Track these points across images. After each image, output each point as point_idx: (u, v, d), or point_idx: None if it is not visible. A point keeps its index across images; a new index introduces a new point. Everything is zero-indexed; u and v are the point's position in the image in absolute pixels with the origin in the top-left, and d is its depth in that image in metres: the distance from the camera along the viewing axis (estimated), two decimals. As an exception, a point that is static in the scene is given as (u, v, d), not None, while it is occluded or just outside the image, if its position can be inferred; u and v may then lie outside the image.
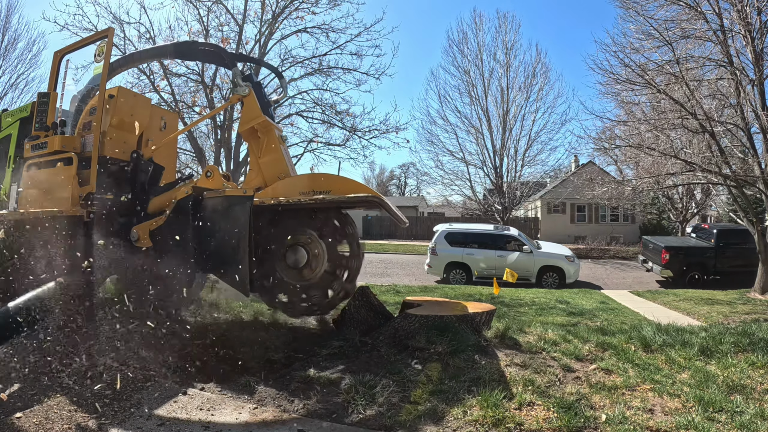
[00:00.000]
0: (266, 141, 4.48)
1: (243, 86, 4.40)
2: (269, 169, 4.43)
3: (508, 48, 22.07)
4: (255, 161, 4.55)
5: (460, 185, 22.70)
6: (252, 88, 4.42)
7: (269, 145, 4.47)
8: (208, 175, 4.21)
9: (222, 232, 3.91)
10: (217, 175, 4.24)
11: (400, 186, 61.45)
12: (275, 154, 4.45)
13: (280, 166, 4.41)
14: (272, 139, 4.47)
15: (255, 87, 4.49)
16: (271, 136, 4.47)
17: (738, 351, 3.86)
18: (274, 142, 4.47)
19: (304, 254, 4.19)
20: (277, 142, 4.49)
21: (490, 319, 4.15)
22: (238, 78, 4.45)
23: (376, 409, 2.82)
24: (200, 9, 12.67)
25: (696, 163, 10.32)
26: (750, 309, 8.95)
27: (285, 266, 4.28)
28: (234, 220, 3.81)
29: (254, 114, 4.40)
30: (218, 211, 3.97)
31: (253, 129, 4.46)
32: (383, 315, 4.42)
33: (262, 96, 4.58)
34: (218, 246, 3.92)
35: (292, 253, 4.21)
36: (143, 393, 2.97)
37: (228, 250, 3.83)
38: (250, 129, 4.46)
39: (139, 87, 12.05)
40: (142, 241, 4.35)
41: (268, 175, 4.42)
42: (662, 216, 25.58)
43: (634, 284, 14.08)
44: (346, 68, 13.65)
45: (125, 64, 5.48)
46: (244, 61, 5.95)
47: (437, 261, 13.56)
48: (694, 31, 9.87)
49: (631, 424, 2.63)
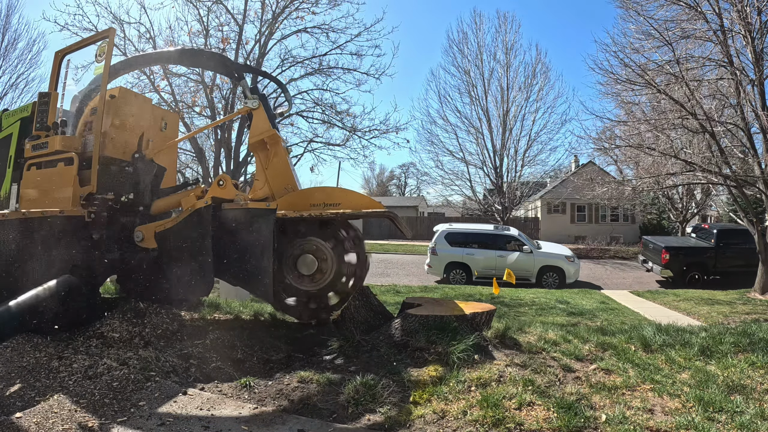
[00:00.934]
0: (274, 153, 4.60)
1: (252, 99, 4.53)
2: (276, 180, 4.57)
3: (508, 48, 22.12)
4: (262, 172, 4.66)
5: (460, 185, 22.75)
6: (260, 101, 4.54)
7: (277, 156, 4.60)
8: (221, 184, 4.29)
9: (245, 243, 4.04)
10: (230, 184, 4.33)
11: (400, 186, 61.50)
12: (283, 165, 4.60)
13: (287, 178, 4.57)
14: (280, 150, 4.61)
15: (262, 99, 4.60)
16: (278, 147, 4.61)
17: (738, 351, 3.86)
18: (282, 153, 4.61)
19: (314, 262, 4.33)
20: (284, 154, 4.64)
21: (490, 319, 4.15)
22: (247, 90, 4.58)
23: (376, 409, 2.82)
24: (200, 9, 12.66)
25: (696, 163, 10.32)
26: (750, 309, 8.95)
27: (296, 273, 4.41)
28: (257, 233, 3.96)
29: (264, 127, 4.53)
30: (241, 222, 4.08)
31: (262, 141, 4.58)
32: (383, 315, 4.42)
33: (269, 108, 4.70)
34: (241, 257, 4.07)
35: (302, 261, 4.36)
36: (143, 393, 2.97)
37: (252, 261, 3.98)
38: (260, 141, 4.57)
39: (140, 87, 12.05)
40: (147, 241, 4.37)
41: (275, 186, 4.55)
42: (662, 216, 25.58)
43: (634, 284, 14.09)
44: (346, 68, 13.66)
45: (128, 67, 5.50)
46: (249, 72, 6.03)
47: (437, 261, 13.56)
48: (694, 31, 9.87)
49: (631, 424, 2.63)
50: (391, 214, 4.12)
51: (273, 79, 6.79)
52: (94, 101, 4.57)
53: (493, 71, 22.08)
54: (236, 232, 4.09)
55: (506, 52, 22.04)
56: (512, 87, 21.78)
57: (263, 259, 3.91)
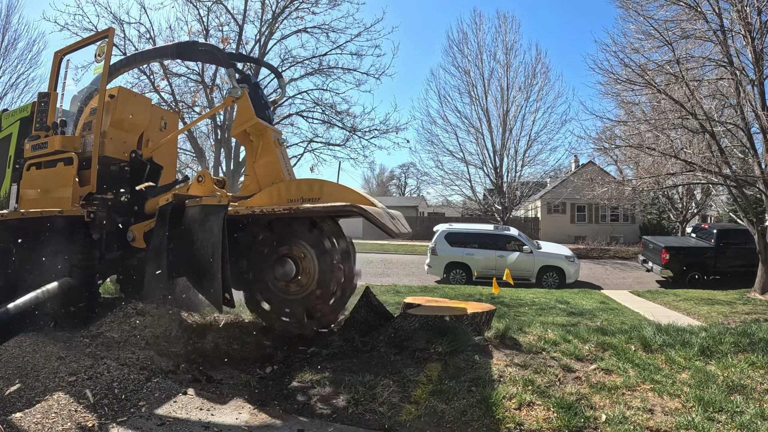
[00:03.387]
0: (261, 145, 4.31)
1: (237, 88, 4.22)
2: (264, 173, 4.27)
3: (508, 48, 22.10)
4: (251, 165, 4.40)
5: (460, 185, 22.73)
6: (248, 90, 4.25)
7: (264, 148, 4.30)
8: (200, 180, 4.14)
9: (198, 242, 3.71)
10: (208, 180, 4.13)
11: (400, 186, 61.41)
12: (270, 157, 4.26)
13: (275, 171, 4.23)
14: (267, 142, 4.29)
15: (252, 88, 4.33)
16: (265, 139, 4.30)
17: (738, 351, 3.86)
18: (269, 145, 4.28)
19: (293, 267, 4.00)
20: (272, 146, 4.29)
21: (490, 319, 4.15)
22: (233, 79, 4.29)
23: (376, 409, 2.82)
24: (200, 9, 12.70)
25: (696, 163, 10.32)
26: (750, 309, 8.94)
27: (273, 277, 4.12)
28: (209, 231, 3.62)
29: (246, 117, 4.20)
30: (196, 220, 3.79)
31: (246, 132, 4.29)
32: (383, 315, 4.41)
33: (259, 98, 4.42)
34: (194, 256, 3.73)
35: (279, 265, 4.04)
36: (143, 393, 2.97)
37: (202, 260, 3.63)
38: (243, 132, 4.29)
39: (140, 87, 12.07)
40: (138, 241, 4.34)
41: (263, 180, 4.25)
42: (662, 216, 25.57)
43: (634, 284, 14.08)
44: (346, 68, 13.69)
45: (128, 65, 5.47)
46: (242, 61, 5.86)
47: (437, 261, 13.56)
48: (694, 31, 9.87)
49: (631, 424, 2.63)
50: (359, 209, 3.40)
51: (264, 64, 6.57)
52: (94, 101, 4.57)
53: (493, 71, 22.10)
54: (192, 230, 3.79)
55: (506, 52, 22.05)
56: (512, 87, 21.79)
57: (213, 260, 3.52)
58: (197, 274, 3.78)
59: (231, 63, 4.50)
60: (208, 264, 3.56)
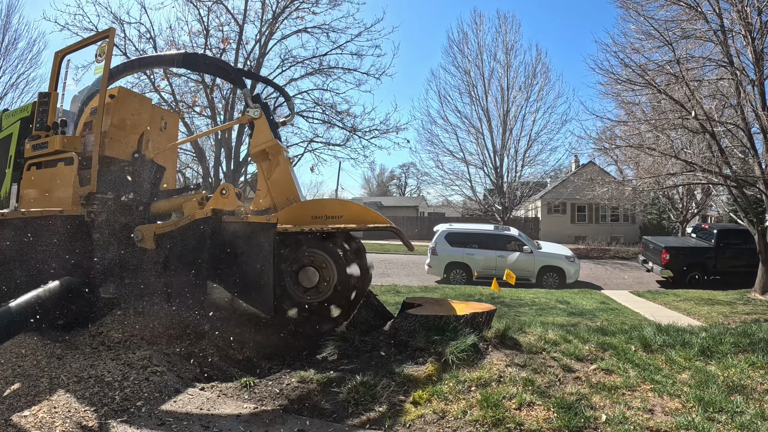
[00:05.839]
0: (276, 163, 4.54)
1: (254, 108, 4.46)
2: (279, 190, 4.50)
3: (509, 48, 22.14)
4: (264, 182, 4.61)
5: (461, 185, 22.77)
6: (261, 110, 4.47)
7: (279, 166, 4.54)
8: (223, 193, 4.25)
9: (245, 256, 3.99)
10: (232, 194, 4.28)
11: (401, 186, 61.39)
12: (285, 175, 4.53)
13: (289, 188, 4.50)
14: (282, 160, 4.55)
15: (263, 108, 4.53)
16: (280, 157, 4.55)
17: (738, 351, 3.86)
18: (284, 163, 4.55)
19: (316, 274, 4.20)
20: (286, 164, 4.57)
21: (490, 319, 4.15)
22: (249, 99, 4.50)
23: (376, 409, 2.82)
24: (200, 9, 12.68)
25: (696, 164, 10.32)
26: (750, 309, 8.94)
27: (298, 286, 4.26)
28: (258, 246, 3.91)
29: (266, 137, 4.46)
30: (240, 236, 4.04)
31: (263, 151, 4.52)
32: (383, 315, 4.42)
33: (270, 117, 4.62)
34: (241, 270, 4.01)
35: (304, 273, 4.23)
36: (143, 393, 2.97)
37: (252, 274, 3.93)
38: (261, 151, 4.51)
39: (140, 87, 12.07)
40: (146, 242, 4.35)
41: (277, 197, 4.49)
42: (662, 216, 25.57)
43: (634, 284, 14.08)
44: (347, 68, 13.67)
45: (131, 69, 5.48)
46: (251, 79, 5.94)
47: (437, 261, 13.56)
48: (694, 31, 9.87)
49: (631, 424, 2.63)
50: (396, 229, 4.08)
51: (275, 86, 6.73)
52: (94, 101, 4.57)
53: (494, 71, 22.13)
54: (236, 246, 4.03)
55: (506, 52, 22.09)
56: (512, 87, 21.83)
57: (263, 272, 3.84)
58: (243, 285, 4.04)
59: (241, 80, 4.75)
60: (258, 276, 3.86)
